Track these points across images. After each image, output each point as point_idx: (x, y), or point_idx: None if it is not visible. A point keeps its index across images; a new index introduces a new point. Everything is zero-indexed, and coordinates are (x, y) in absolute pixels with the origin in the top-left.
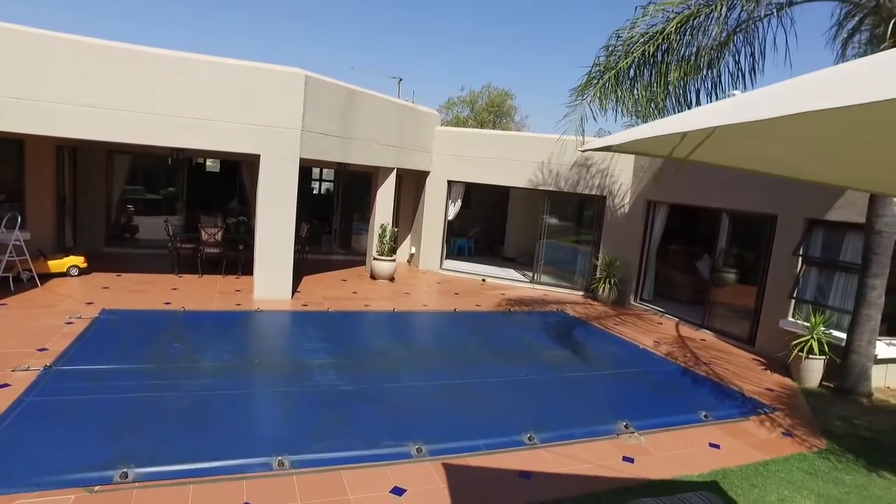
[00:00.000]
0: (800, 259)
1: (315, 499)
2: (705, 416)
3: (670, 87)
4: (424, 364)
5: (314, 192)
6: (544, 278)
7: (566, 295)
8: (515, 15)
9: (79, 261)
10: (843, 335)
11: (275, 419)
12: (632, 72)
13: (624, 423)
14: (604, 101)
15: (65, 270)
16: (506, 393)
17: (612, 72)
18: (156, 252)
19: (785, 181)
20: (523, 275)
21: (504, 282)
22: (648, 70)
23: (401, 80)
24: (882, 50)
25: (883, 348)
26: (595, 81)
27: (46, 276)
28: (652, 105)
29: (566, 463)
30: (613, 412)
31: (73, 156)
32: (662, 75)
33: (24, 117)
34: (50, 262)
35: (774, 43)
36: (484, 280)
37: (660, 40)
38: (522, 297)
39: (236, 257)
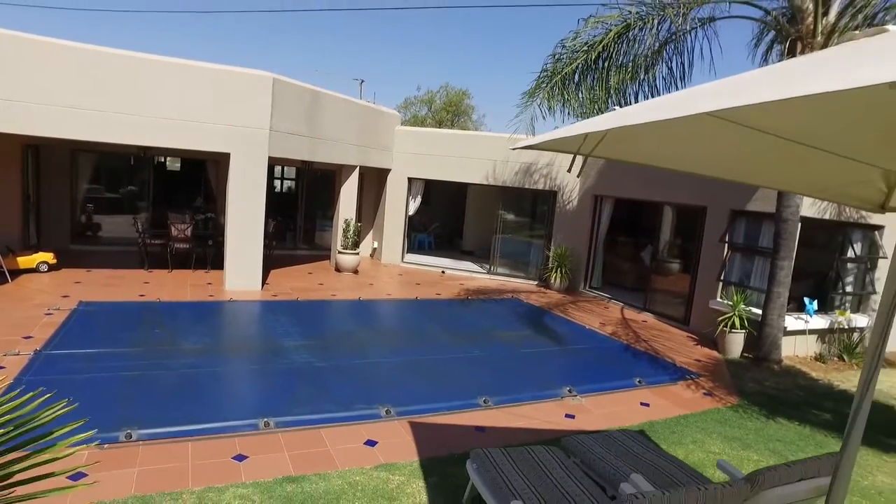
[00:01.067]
0: (726, 245)
1: (299, 450)
2: (639, 382)
3: (611, 91)
4: (390, 344)
5: (276, 190)
6: (500, 269)
7: (521, 284)
8: (471, 17)
9: (48, 257)
10: (760, 311)
11: (257, 390)
12: (576, 77)
13: (568, 388)
14: (552, 103)
15: (34, 266)
16: (464, 367)
17: (559, 77)
18: (121, 249)
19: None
20: (481, 266)
21: (462, 273)
22: (591, 75)
23: (363, 81)
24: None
25: (791, 322)
26: (543, 85)
27: (15, 273)
28: (595, 107)
29: (516, 420)
30: (559, 380)
31: (37, 154)
32: (603, 80)
33: None
34: (19, 259)
35: (701, 52)
36: (443, 272)
37: (600, 49)
38: (480, 287)
39: (205, 252)
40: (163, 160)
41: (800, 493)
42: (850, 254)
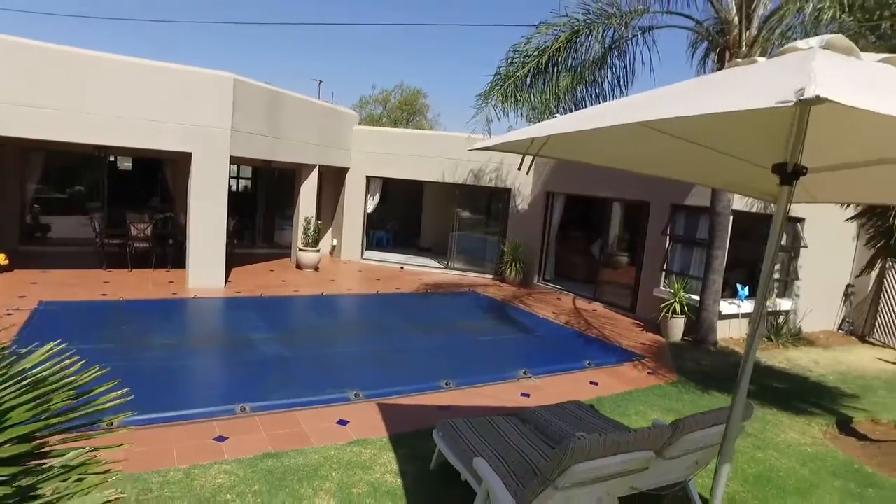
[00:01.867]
0: (667, 238)
1: (275, 430)
2: (589, 364)
3: (561, 94)
4: (355, 335)
5: (232, 189)
6: (458, 264)
7: (478, 278)
8: (425, 16)
9: (0, 258)
10: (698, 297)
11: (231, 379)
12: (528, 80)
13: (523, 371)
14: (506, 105)
15: None
16: (426, 354)
17: (512, 80)
18: (74, 250)
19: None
20: (438, 262)
21: (421, 268)
22: (542, 79)
23: (321, 82)
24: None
25: (725, 306)
26: (497, 88)
27: None
28: (547, 108)
29: (476, 399)
30: (515, 364)
31: None
32: (554, 83)
33: None
34: None
35: (643, 59)
36: (402, 267)
37: (551, 53)
38: (438, 282)
39: (165, 252)
40: (113, 159)
41: (713, 435)
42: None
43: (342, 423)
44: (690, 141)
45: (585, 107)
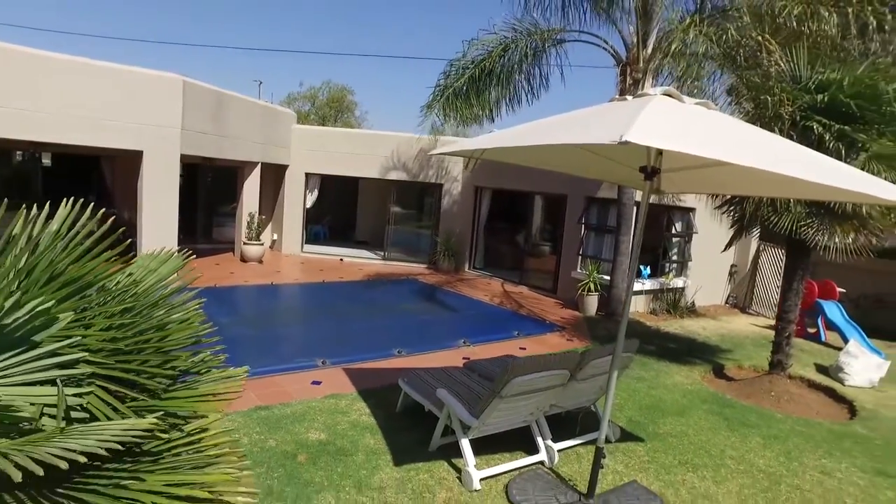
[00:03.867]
0: (582, 226)
1: (260, 391)
2: (517, 334)
3: (491, 102)
4: (310, 318)
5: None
6: (394, 255)
7: (414, 267)
8: (351, 15)
9: None
10: (609, 277)
11: None
12: (465, 89)
13: (463, 340)
14: (447, 113)
15: None
16: (378, 331)
17: (450, 90)
18: None
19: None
20: (375, 253)
21: (360, 260)
22: (476, 88)
23: (261, 83)
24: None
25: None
26: (438, 98)
27: None
28: (483, 114)
29: (425, 363)
30: (456, 335)
31: None
32: (487, 93)
33: None
34: None
35: (554, 71)
36: (342, 259)
37: (482, 66)
38: (378, 271)
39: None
40: (37, 156)
41: (606, 362)
42: (673, 231)
43: (316, 383)
44: (590, 151)
45: (512, 111)
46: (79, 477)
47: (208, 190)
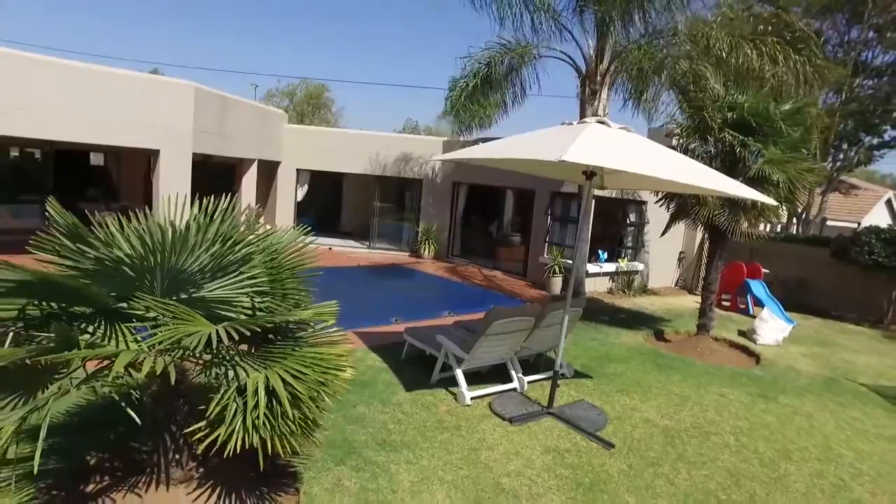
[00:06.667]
0: (548, 217)
1: None
2: (493, 307)
3: (486, 106)
4: (315, 295)
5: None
6: (379, 244)
7: (398, 256)
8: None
9: None
10: (571, 261)
11: None
12: (463, 99)
13: (448, 312)
14: (462, 117)
15: None
16: (375, 305)
17: (460, 97)
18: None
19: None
20: (360, 243)
21: (347, 249)
22: (472, 97)
23: (256, 86)
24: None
25: (591, 268)
26: (452, 107)
27: None
28: (483, 114)
29: None
30: (441, 308)
31: None
32: (482, 99)
33: None
34: None
35: (538, 78)
36: (331, 248)
37: (481, 76)
38: (367, 258)
39: None
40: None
41: (560, 314)
42: (628, 221)
43: None
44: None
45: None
46: (266, 345)
47: (207, 185)
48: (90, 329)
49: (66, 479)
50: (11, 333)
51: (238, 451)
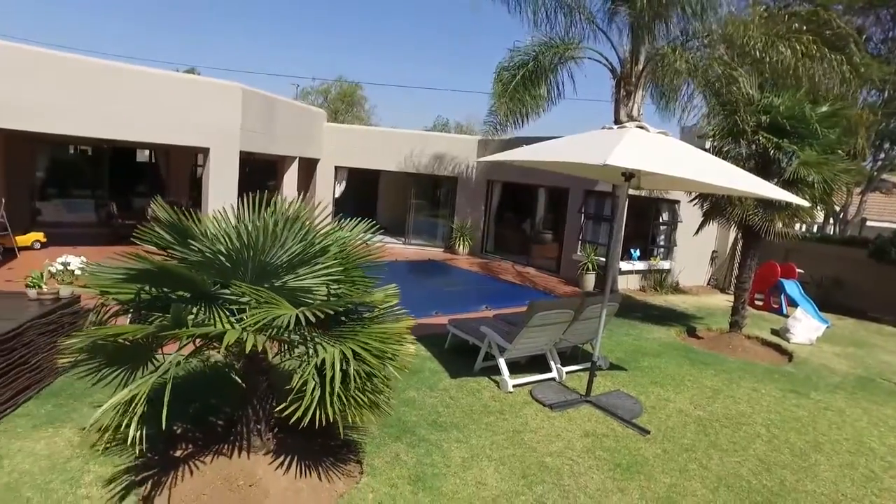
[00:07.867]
0: (582, 215)
1: None
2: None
3: (530, 99)
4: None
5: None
6: (414, 240)
7: (433, 251)
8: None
9: (40, 236)
10: (604, 259)
11: None
12: (509, 89)
13: (485, 306)
14: (508, 108)
15: (30, 244)
16: (415, 298)
17: (509, 87)
18: (86, 230)
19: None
20: (396, 238)
21: (383, 244)
22: (520, 88)
23: (298, 86)
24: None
25: (624, 265)
26: (500, 98)
27: (10, 250)
28: (529, 106)
29: None
30: (478, 302)
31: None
32: (528, 90)
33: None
34: (17, 237)
35: (568, 80)
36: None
37: (527, 69)
38: (403, 253)
39: None
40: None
41: (598, 308)
42: (660, 220)
43: None
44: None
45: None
46: (337, 326)
47: (250, 181)
48: (193, 311)
49: (158, 444)
50: (131, 313)
51: (316, 424)
